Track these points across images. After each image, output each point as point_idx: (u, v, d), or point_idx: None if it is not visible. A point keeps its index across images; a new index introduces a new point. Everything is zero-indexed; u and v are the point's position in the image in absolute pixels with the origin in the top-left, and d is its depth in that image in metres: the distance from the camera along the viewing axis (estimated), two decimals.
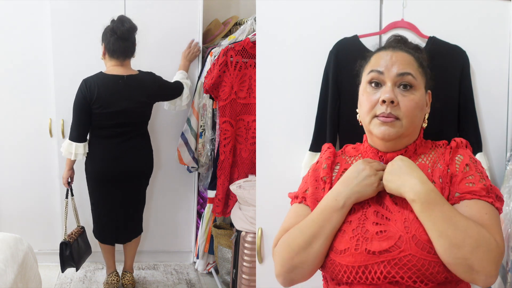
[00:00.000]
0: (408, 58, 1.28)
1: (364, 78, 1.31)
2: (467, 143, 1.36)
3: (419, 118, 1.29)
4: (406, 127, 1.24)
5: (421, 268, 1.12)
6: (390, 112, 1.22)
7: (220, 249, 2.65)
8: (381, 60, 1.27)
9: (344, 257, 1.18)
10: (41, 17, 2.75)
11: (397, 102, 1.22)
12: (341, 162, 1.37)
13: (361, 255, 1.16)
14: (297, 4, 1.65)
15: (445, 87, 1.64)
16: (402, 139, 1.27)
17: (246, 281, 2.09)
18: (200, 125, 2.78)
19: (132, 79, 2.48)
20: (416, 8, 1.66)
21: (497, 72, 1.72)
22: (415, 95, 1.25)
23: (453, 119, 1.66)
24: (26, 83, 2.83)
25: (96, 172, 2.49)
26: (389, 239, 1.16)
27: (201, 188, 2.97)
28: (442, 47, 1.64)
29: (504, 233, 1.65)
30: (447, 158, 1.29)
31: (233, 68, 2.48)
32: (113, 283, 2.67)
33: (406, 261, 1.13)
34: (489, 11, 1.69)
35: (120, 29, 2.42)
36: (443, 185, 1.24)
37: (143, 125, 2.61)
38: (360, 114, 1.33)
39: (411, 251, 1.13)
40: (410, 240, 1.14)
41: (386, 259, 1.14)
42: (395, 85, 1.24)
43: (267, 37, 1.66)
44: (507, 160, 1.72)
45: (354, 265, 1.16)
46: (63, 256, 2.42)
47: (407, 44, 1.38)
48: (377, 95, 1.25)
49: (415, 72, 1.26)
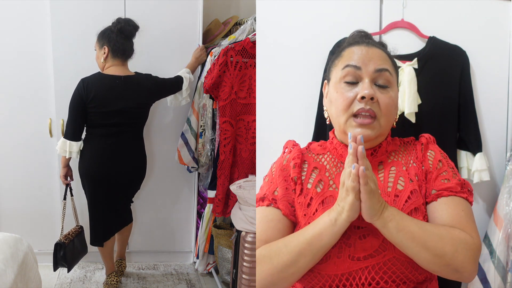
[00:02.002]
0: (383, 55, 1.24)
1: (336, 73, 1.25)
2: (434, 139, 1.34)
3: (394, 116, 1.26)
4: (384, 127, 1.22)
5: (405, 270, 1.12)
6: (370, 108, 1.18)
7: (220, 249, 2.65)
8: (355, 55, 1.22)
9: (325, 266, 1.13)
10: (41, 17, 2.75)
11: (376, 98, 1.18)
12: (308, 161, 1.31)
13: (345, 262, 1.12)
14: (297, 4, 1.65)
15: (445, 87, 1.64)
16: (377, 138, 1.24)
17: (246, 281, 2.09)
18: (200, 125, 2.78)
19: (129, 79, 2.49)
20: (416, 8, 1.66)
21: (497, 72, 1.72)
22: (392, 93, 1.22)
23: (453, 119, 1.66)
24: (26, 83, 2.83)
25: (87, 171, 2.50)
26: (373, 242, 1.13)
27: (201, 188, 2.97)
28: (442, 47, 1.64)
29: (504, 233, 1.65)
30: (420, 155, 1.27)
31: (233, 68, 2.48)
32: (112, 283, 2.67)
33: (391, 264, 1.12)
34: (489, 11, 1.69)
35: (127, 29, 2.45)
36: (419, 183, 1.22)
37: (138, 128, 2.59)
38: (331, 112, 1.27)
39: (395, 253, 1.12)
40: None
41: (370, 264, 1.12)
42: (372, 81, 1.20)
43: (267, 37, 1.66)
44: (507, 160, 1.72)
45: (337, 273, 1.13)
46: (56, 257, 2.43)
47: (374, 40, 1.34)
48: (353, 92, 1.20)
49: (391, 69, 1.23)
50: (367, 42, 1.26)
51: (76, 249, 2.54)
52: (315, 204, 1.22)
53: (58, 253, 2.42)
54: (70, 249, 2.47)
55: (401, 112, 1.58)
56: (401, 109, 1.58)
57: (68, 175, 2.57)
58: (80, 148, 2.47)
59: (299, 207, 1.24)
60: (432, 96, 1.62)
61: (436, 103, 1.63)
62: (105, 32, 2.46)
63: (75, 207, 2.62)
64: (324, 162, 1.30)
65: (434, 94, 1.63)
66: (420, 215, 1.17)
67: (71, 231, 2.55)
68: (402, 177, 1.23)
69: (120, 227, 2.71)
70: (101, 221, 2.56)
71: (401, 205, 1.18)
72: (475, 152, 1.68)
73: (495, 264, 1.65)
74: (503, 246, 1.65)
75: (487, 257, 1.68)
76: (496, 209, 1.69)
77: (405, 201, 1.18)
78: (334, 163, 1.29)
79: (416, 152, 1.29)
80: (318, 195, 1.23)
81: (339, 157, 1.28)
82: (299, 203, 1.25)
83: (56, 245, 2.43)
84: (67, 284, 2.77)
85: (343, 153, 1.27)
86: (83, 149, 2.48)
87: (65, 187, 2.59)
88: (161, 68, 2.80)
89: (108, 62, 2.48)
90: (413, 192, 1.20)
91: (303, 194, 1.25)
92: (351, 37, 1.35)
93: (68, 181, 2.58)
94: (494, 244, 1.66)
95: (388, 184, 1.22)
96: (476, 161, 1.67)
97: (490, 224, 1.70)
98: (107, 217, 2.56)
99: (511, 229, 1.64)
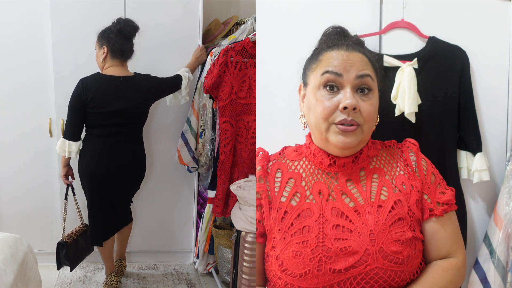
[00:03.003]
0: (364, 58, 1.20)
1: (315, 79, 1.20)
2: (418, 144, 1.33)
3: (375, 122, 1.23)
4: (366, 133, 1.19)
5: (387, 279, 1.10)
6: (352, 119, 1.14)
7: (220, 249, 2.65)
8: (334, 61, 1.17)
9: (305, 280, 1.10)
10: (41, 17, 2.75)
11: (359, 108, 1.15)
12: (282, 169, 1.25)
13: (325, 275, 1.09)
14: (297, 4, 1.65)
15: (445, 87, 1.64)
16: (359, 145, 1.21)
17: (246, 281, 2.09)
18: (200, 125, 2.78)
19: (128, 80, 2.48)
20: (416, 8, 1.66)
21: (497, 72, 1.72)
22: (373, 99, 1.19)
23: (453, 119, 1.66)
24: (26, 83, 2.83)
25: (86, 171, 2.50)
26: (354, 254, 1.10)
27: (201, 188, 2.97)
28: (442, 47, 1.64)
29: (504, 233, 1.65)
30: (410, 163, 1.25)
31: (233, 68, 2.48)
32: (112, 284, 2.67)
33: (373, 274, 1.09)
34: (489, 11, 1.69)
35: (127, 29, 2.45)
36: (407, 191, 1.20)
37: (137, 128, 2.59)
38: (309, 119, 1.22)
39: (378, 264, 1.09)
40: (377, 253, 1.10)
41: (352, 275, 1.09)
42: (353, 89, 1.16)
43: (267, 37, 1.66)
44: (507, 160, 1.72)
45: (318, 286, 1.09)
46: (59, 256, 2.44)
47: (350, 37, 1.28)
48: (333, 101, 1.15)
49: (372, 73, 1.19)
50: (347, 44, 1.21)
51: (81, 247, 2.55)
52: (290, 218, 1.18)
53: (60, 253, 2.43)
54: (73, 248, 2.48)
55: (401, 112, 1.58)
56: (401, 109, 1.58)
57: (69, 174, 2.58)
58: (80, 148, 2.47)
59: (273, 222, 1.19)
60: (432, 96, 1.62)
61: (436, 103, 1.63)
62: (104, 32, 2.46)
63: (79, 206, 2.62)
64: (300, 169, 1.24)
65: (434, 94, 1.63)
66: (405, 225, 1.15)
67: (75, 230, 2.56)
68: (385, 187, 1.21)
69: (119, 227, 2.71)
70: (101, 221, 2.56)
71: (384, 215, 1.16)
72: (475, 152, 1.68)
73: (495, 264, 1.65)
74: (503, 246, 1.65)
75: (487, 257, 1.68)
76: (496, 209, 1.69)
77: (388, 212, 1.16)
78: (311, 170, 1.24)
79: (404, 159, 1.26)
80: (294, 208, 1.19)
81: (318, 164, 1.24)
82: (272, 218, 1.20)
83: (58, 245, 2.44)
84: (67, 284, 2.77)
85: (322, 160, 1.23)
86: (83, 149, 2.48)
87: (66, 186, 2.59)
88: (161, 68, 2.80)
89: (108, 62, 2.48)
90: (396, 202, 1.18)
91: (274, 208, 1.20)
92: (327, 37, 1.29)
93: (69, 181, 2.58)
94: (494, 244, 1.66)
95: (371, 194, 1.20)
96: (476, 161, 1.67)
97: (490, 224, 1.70)
98: (107, 216, 2.56)
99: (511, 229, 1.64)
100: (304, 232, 1.14)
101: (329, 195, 1.19)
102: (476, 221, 1.77)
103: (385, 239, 1.12)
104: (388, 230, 1.13)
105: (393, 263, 1.10)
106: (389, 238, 1.12)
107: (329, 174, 1.23)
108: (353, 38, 1.28)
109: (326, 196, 1.19)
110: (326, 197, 1.19)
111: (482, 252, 1.69)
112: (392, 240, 1.12)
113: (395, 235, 1.13)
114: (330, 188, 1.20)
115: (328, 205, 1.17)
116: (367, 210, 1.16)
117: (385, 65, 1.59)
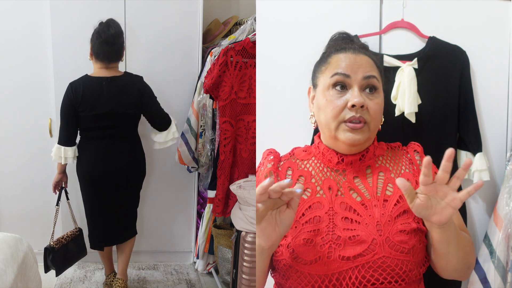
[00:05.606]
0: (370, 61, 1.27)
1: (324, 80, 1.27)
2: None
3: (381, 121, 1.30)
4: (373, 131, 1.25)
5: (395, 268, 1.14)
6: (361, 116, 1.21)
7: (220, 249, 2.65)
8: (342, 63, 1.24)
9: (315, 266, 1.14)
10: (41, 17, 2.75)
11: (366, 106, 1.21)
12: (292, 167, 1.31)
13: (335, 262, 1.14)
14: (297, 5, 1.65)
15: (445, 87, 1.64)
16: (366, 142, 1.27)
17: (246, 281, 2.09)
18: (200, 125, 2.78)
19: (115, 80, 2.44)
20: (416, 8, 1.66)
21: (497, 72, 1.72)
22: (379, 98, 1.26)
23: (453, 119, 1.66)
24: (26, 83, 2.83)
25: (84, 174, 2.48)
26: (363, 243, 1.15)
27: (201, 188, 2.97)
28: (442, 47, 1.64)
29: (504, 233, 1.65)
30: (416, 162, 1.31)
31: (233, 68, 2.48)
32: (112, 284, 2.67)
33: (380, 263, 1.14)
34: (489, 11, 1.69)
35: (106, 33, 2.37)
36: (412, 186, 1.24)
37: (131, 128, 2.55)
38: (319, 118, 1.28)
39: (385, 253, 1.14)
40: (384, 242, 1.15)
41: (360, 263, 1.14)
42: (361, 88, 1.23)
43: (267, 37, 1.66)
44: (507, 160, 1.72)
45: (328, 273, 1.14)
46: (46, 261, 2.39)
47: (356, 42, 1.36)
48: (342, 99, 1.22)
49: (377, 75, 1.26)
50: (353, 48, 1.28)
51: (71, 252, 2.49)
52: (301, 208, 1.22)
53: (47, 257, 2.38)
54: (61, 254, 2.42)
55: (401, 112, 1.58)
56: (401, 109, 1.58)
57: (63, 181, 2.54)
58: (76, 153, 2.44)
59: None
60: (432, 96, 1.62)
61: (436, 103, 1.63)
62: (92, 34, 2.42)
63: (72, 211, 2.59)
64: (310, 167, 1.30)
65: (434, 94, 1.63)
66: (410, 217, 1.20)
67: (66, 234, 2.50)
68: (390, 184, 1.27)
69: (122, 236, 2.63)
70: (101, 225, 2.53)
71: (390, 208, 1.21)
72: (475, 152, 1.68)
73: (495, 264, 1.65)
74: (503, 246, 1.65)
75: (487, 257, 1.68)
76: (496, 209, 1.69)
77: (394, 205, 1.22)
78: (320, 168, 1.29)
79: (409, 159, 1.32)
80: (305, 201, 1.23)
81: (327, 162, 1.29)
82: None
83: (45, 250, 2.39)
84: (67, 284, 2.77)
85: (331, 158, 1.28)
86: (79, 153, 2.46)
87: (58, 192, 2.54)
88: (161, 68, 2.80)
89: (95, 64, 2.45)
90: (402, 196, 1.23)
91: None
92: (334, 42, 1.37)
93: (58, 189, 2.53)
94: (494, 244, 1.66)
95: (377, 189, 1.25)
96: (476, 161, 1.67)
97: (490, 224, 1.70)
98: (107, 220, 2.53)
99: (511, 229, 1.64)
100: (315, 221, 1.19)
101: (338, 190, 1.25)
102: (476, 221, 1.77)
103: (391, 229, 1.17)
104: (394, 221, 1.19)
105: (399, 252, 1.15)
106: (395, 228, 1.17)
107: (337, 171, 1.28)
108: (358, 42, 1.37)
109: (336, 191, 1.24)
110: (336, 192, 1.24)
111: (482, 252, 1.69)
112: (397, 231, 1.17)
113: (401, 226, 1.18)
114: (339, 185, 1.26)
115: (337, 200, 1.23)
116: (374, 204, 1.22)
117: (385, 65, 1.59)
